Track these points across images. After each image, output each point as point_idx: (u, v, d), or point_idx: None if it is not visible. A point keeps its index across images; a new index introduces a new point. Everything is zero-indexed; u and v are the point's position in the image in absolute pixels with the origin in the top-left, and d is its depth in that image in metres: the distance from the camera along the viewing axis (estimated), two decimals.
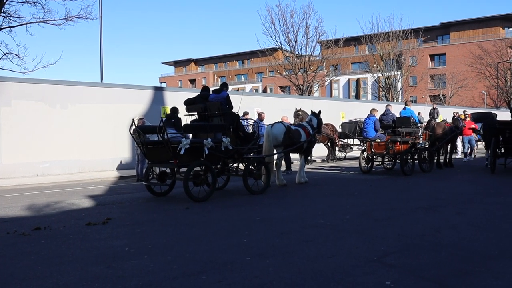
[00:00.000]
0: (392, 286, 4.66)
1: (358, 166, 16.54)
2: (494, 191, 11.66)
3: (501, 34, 67.07)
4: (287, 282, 4.78)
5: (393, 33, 46.79)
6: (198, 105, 11.87)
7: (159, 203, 10.31)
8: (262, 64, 77.02)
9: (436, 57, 72.81)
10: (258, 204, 9.81)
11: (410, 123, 15.84)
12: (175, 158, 10.13)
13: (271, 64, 42.55)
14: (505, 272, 5.10)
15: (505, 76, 54.90)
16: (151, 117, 17.27)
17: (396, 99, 46.48)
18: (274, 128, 12.72)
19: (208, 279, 4.91)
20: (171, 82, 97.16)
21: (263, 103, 23.51)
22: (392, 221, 7.93)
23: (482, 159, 20.40)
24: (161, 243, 6.51)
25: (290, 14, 37.10)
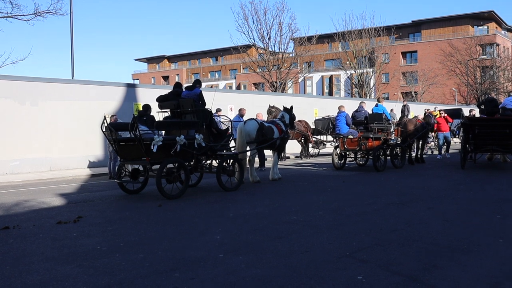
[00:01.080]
0: (364, 281, 4.70)
1: (331, 163, 16.64)
2: (464, 186, 11.86)
3: (470, 32, 68.21)
4: (260, 279, 4.79)
5: (365, 30, 47.15)
6: (170, 102, 11.80)
7: (132, 200, 10.22)
8: (235, 61, 77.00)
9: (408, 55, 73.71)
10: (231, 201, 9.80)
11: (382, 119, 16.00)
12: (148, 155, 10.05)
13: (244, 61, 42.47)
14: (473, 264, 5.19)
15: (475, 73, 55.83)
16: (123, 114, 17.13)
17: (369, 96, 46.90)
18: (247, 125, 12.73)
19: (180, 277, 4.88)
20: (144, 78, 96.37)
21: (236, 100, 23.49)
22: (364, 216, 8.00)
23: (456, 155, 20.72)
24: (133, 241, 6.45)
25: (264, 11, 37.10)
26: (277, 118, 14.42)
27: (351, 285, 4.58)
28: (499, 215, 7.96)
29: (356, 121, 16.40)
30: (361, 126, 16.32)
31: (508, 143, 15.19)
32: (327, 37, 63.00)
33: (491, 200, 9.50)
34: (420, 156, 18.68)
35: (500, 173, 14.87)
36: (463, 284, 4.59)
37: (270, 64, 37.82)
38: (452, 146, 28.10)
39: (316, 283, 4.64)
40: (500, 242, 6.16)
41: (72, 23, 22.40)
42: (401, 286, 4.56)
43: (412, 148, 18.79)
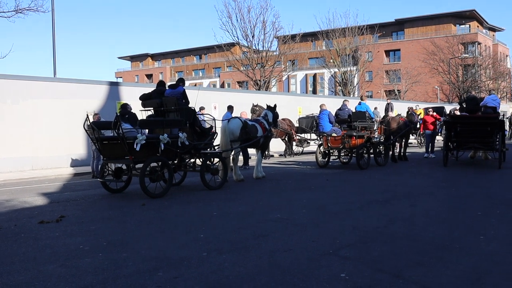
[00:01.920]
0: (347, 278, 4.73)
1: (315, 161, 16.69)
2: (446, 183, 11.97)
3: (452, 31, 68.83)
4: (243, 277, 4.80)
5: (349, 29, 47.28)
6: (154, 100, 11.74)
7: (115, 200, 10.16)
8: (219, 59, 76.84)
9: (391, 53, 74.21)
10: (215, 200, 9.79)
11: (365, 117, 16.08)
12: (131, 154, 10.00)
13: (228, 59, 42.37)
14: (455, 261, 5.25)
15: (457, 71, 56.32)
16: (106, 112, 17.00)
17: (352, 94, 47.08)
18: (231, 123, 12.72)
19: (164, 276, 4.87)
20: (127, 77, 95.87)
21: (220, 98, 23.45)
22: (347, 214, 8.04)
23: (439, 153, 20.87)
24: (116, 240, 6.42)
25: (247, 9, 37.03)
26: (261, 116, 14.43)
27: (334, 283, 4.60)
28: (480, 212, 8.06)
29: (340, 119, 16.47)
30: (344, 124, 16.39)
31: (489, 141, 15.36)
32: (311, 36, 63.24)
33: (472, 197, 9.62)
34: (403, 154, 18.80)
35: (481, 171, 15.03)
36: (445, 280, 4.64)
37: (254, 63, 37.78)
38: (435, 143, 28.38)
39: (300, 281, 4.65)
40: (481, 239, 6.24)
41: (53, 20, 22.17)
42: (384, 283, 4.60)
43: (395, 146, 18.90)
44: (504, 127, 16.78)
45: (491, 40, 74.76)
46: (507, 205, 8.71)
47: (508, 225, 7.06)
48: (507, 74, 67.57)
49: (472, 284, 4.54)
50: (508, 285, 4.52)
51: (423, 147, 26.91)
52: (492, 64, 61.44)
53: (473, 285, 4.53)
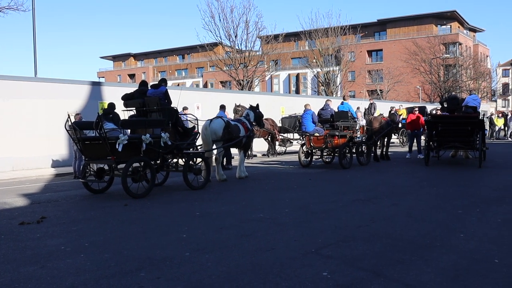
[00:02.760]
0: (329, 277, 4.76)
1: (297, 160, 16.73)
2: (427, 182, 12.08)
3: (434, 31, 69.53)
4: (225, 276, 4.80)
5: (332, 29, 47.51)
6: (136, 100, 11.69)
7: (97, 200, 10.10)
8: (202, 59, 76.65)
9: (374, 53, 74.77)
10: (198, 200, 9.78)
11: (348, 117, 16.17)
12: (113, 154, 9.95)
13: (211, 59, 42.31)
14: (436, 259, 5.32)
15: (438, 71, 56.89)
16: (88, 112, 16.85)
17: (335, 94, 47.30)
18: (213, 124, 12.71)
19: (146, 276, 4.86)
20: (109, 76, 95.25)
21: (203, 98, 23.42)
22: (330, 213, 8.08)
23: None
24: (98, 241, 6.38)
25: (230, 9, 37.03)
26: (242, 116, 14.44)
27: (316, 281, 4.63)
28: (460, 210, 8.15)
29: (322, 119, 16.53)
30: (327, 124, 16.45)
31: (470, 140, 15.54)
32: (293, 36, 63.47)
33: (453, 196, 9.71)
34: (385, 153, 18.93)
35: (462, 169, 15.19)
36: (426, 278, 4.69)
37: (237, 62, 37.77)
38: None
39: (282, 280, 4.67)
40: (461, 237, 6.31)
41: (34, 19, 21.93)
42: (366, 281, 4.64)
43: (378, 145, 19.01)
44: (484, 127, 16.99)
45: (471, 40, 75.66)
46: (487, 204, 8.82)
47: (487, 224, 7.15)
48: (487, 74, 68.52)
49: (451, 282, 4.60)
50: (487, 282, 4.58)
51: (404, 146, 27.17)
52: (473, 64, 62.19)
53: (452, 282, 4.59)
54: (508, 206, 8.57)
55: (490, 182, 11.98)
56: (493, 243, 6.00)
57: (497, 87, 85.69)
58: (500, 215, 7.80)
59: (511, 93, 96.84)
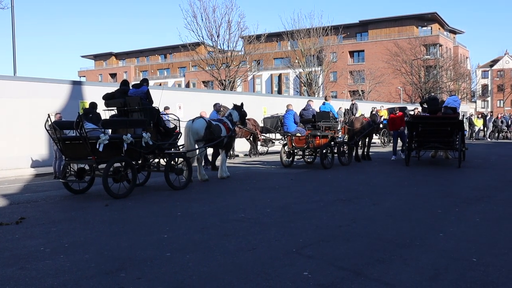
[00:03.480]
0: (310, 276, 4.79)
1: (279, 161, 16.77)
2: (407, 182, 12.19)
3: (415, 32, 70.17)
4: (206, 277, 4.80)
5: (314, 29, 47.68)
6: (117, 100, 11.62)
7: (77, 200, 10.02)
8: (184, 59, 76.47)
9: (355, 54, 75.22)
10: (180, 200, 9.75)
11: (329, 117, 16.24)
12: (94, 154, 9.88)
13: (193, 59, 42.19)
14: (415, 258, 5.38)
15: (419, 73, 57.39)
16: (69, 112, 16.71)
17: (317, 94, 47.47)
18: (195, 123, 12.69)
19: (127, 276, 4.84)
20: (91, 76, 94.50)
21: (185, 98, 23.36)
22: (311, 213, 8.11)
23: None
24: (78, 241, 6.33)
25: (212, 9, 36.94)
26: (224, 116, 14.43)
27: (297, 281, 4.65)
28: (440, 210, 8.24)
29: (304, 119, 16.58)
30: (308, 124, 16.50)
31: (449, 141, 15.72)
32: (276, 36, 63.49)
33: (433, 196, 9.81)
34: (367, 153, 19.05)
35: (442, 170, 15.36)
36: (405, 277, 4.74)
37: (219, 62, 37.70)
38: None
39: (263, 280, 4.69)
40: (440, 236, 6.39)
41: (13, 17, 21.65)
42: (346, 280, 4.67)
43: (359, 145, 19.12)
44: (464, 127, 17.19)
45: (452, 42, 76.50)
46: (466, 203, 8.93)
47: (466, 223, 7.24)
48: (467, 75, 69.27)
49: (430, 280, 4.65)
50: (465, 280, 4.64)
51: (386, 146, 27.38)
52: (453, 65, 62.85)
53: (431, 281, 4.64)
54: (487, 206, 8.68)
55: (469, 182, 12.13)
56: (472, 242, 6.08)
57: (476, 88, 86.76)
58: (478, 214, 7.90)
59: (490, 94, 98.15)
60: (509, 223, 7.22)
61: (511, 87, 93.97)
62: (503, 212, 8.09)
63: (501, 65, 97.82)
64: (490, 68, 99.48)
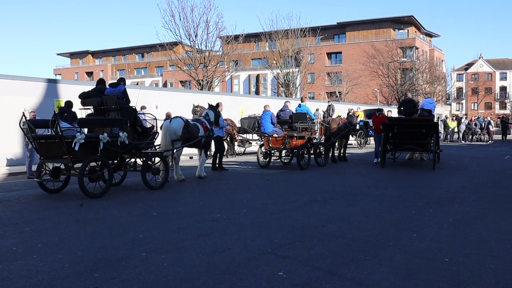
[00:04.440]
0: (285, 276, 4.81)
1: (256, 161, 16.80)
2: (383, 183, 12.30)
3: (392, 35, 70.83)
4: (181, 277, 4.80)
5: (292, 30, 47.88)
6: (94, 99, 11.52)
7: (52, 200, 9.90)
8: (162, 58, 76.06)
9: (333, 55, 75.64)
10: (156, 200, 9.71)
11: (306, 118, 16.32)
12: (69, 153, 9.78)
13: (171, 58, 42.05)
14: (389, 258, 5.44)
15: (396, 75, 57.98)
16: (43, 110, 16.50)
17: (295, 95, 47.66)
18: (173, 123, 12.65)
19: (101, 277, 4.81)
20: (66, 74, 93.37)
21: (162, 97, 23.25)
22: (287, 213, 8.15)
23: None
24: (52, 241, 6.27)
25: (191, 8, 36.87)
26: (202, 116, 14.41)
27: (272, 281, 4.67)
28: (414, 211, 8.35)
29: (281, 120, 16.63)
30: (285, 125, 16.56)
31: (424, 142, 15.93)
32: (254, 36, 63.62)
33: (407, 197, 9.93)
34: (343, 154, 19.17)
35: (417, 171, 15.54)
36: (379, 277, 4.79)
37: (197, 62, 37.61)
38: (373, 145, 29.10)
39: (238, 280, 4.70)
40: (414, 237, 6.47)
41: None
42: (321, 280, 4.71)
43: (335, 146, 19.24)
44: (438, 129, 17.42)
45: (428, 45, 77.43)
46: (439, 204, 9.05)
47: (439, 224, 7.35)
48: (442, 78, 70.18)
49: (403, 280, 4.71)
50: (437, 280, 4.71)
51: (362, 148, 27.61)
52: (429, 68, 63.66)
53: (404, 281, 4.70)
54: (460, 207, 8.82)
55: (443, 183, 12.30)
56: (444, 242, 6.17)
57: (451, 91, 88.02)
58: (451, 215, 8.03)
59: (465, 97, 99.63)
60: (481, 224, 7.34)
61: (485, 90, 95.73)
62: (475, 213, 8.23)
63: (475, 68, 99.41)
64: (465, 72, 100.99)
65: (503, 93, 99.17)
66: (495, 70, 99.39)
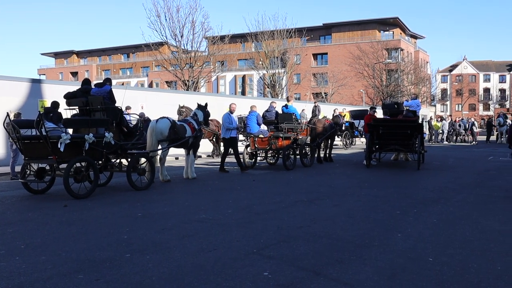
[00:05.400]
0: (270, 276, 4.82)
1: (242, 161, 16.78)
2: (368, 184, 12.36)
3: (377, 36, 71.19)
4: (166, 278, 4.78)
5: (278, 31, 47.92)
6: (79, 99, 11.45)
7: (36, 201, 9.81)
8: (148, 59, 75.62)
9: (319, 56, 75.88)
10: (141, 201, 9.66)
11: (292, 119, 16.35)
12: (55, 154, 9.71)
13: (157, 59, 41.89)
14: (373, 258, 5.47)
15: (381, 76, 58.24)
16: (27, 111, 16.34)
17: (280, 96, 47.71)
18: (159, 123, 12.61)
19: (85, 278, 4.77)
20: (51, 74, 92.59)
21: (148, 98, 23.15)
22: (272, 214, 8.16)
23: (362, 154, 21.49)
24: (35, 243, 6.21)
25: (176, 9, 36.78)
26: (189, 116, 14.37)
27: (257, 281, 4.67)
28: (398, 211, 8.40)
29: (267, 120, 16.65)
30: (271, 126, 16.58)
31: (409, 143, 16.04)
32: (240, 37, 63.63)
33: (392, 197, 9.99)
34: (329, 155, 19.23)
35: (401, 172, 15.64)
36: (363, 277, 4.81)
37: (183, 63, 37.51)
38: (359, 145, 29.27)
39: (223, 280, 4.69)
40: (398, 236, 6.51)
41: None
42: (306, 280, 4.72)
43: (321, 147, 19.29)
44: (423, 130, 17.55)
45: (413, 47, 77.93)
46: (423, 205, 9.12)
47: (423, 224, 7.40)
48: (427, 79, 70.71)
49: (388, 280, 4.74)
50: (421, 279, 4.75)
51: (348, 148, 27.72)
52: (414, 70, 64.03)
53: (389, 280, 4.73)
54: (444, 207, 8.89)
55: (428, 183, 12.38)
56: (428, 242, 6.22)
57: (436, 92, 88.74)
58: (435, 215, 8.09)
59: (449, 99, 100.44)
60: (465, 224, 7.41)
61: (469, 91, 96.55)
62: (459, 213, 8.30)
63: (459, 70, 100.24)
64: (449, 73, 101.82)
65: (487, 95, 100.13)
66: (479, 72, 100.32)
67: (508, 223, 7.57)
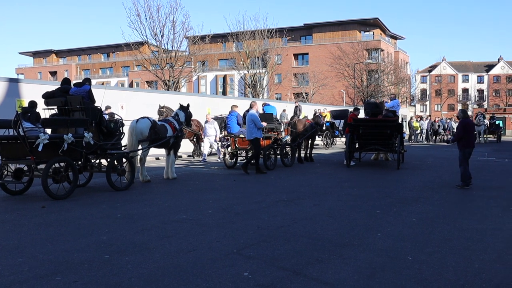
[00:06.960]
0: (250, 276, 4.81)
1: (222, 162, 16.74)
2: (348, 183, 12.42)
3: (358, 37, 71.59)
4: (145, 279, 4.74)
5: (258, 31, 47.93)
6: (58, 99, 11.32)
7: (12, 202, 9.68)
8: (128, 58, 75.17)
9: (300, 57, 76.04)
10: (120, 201, 9.58)
11: (273, 119, 16.35)
12: (33, 154, 9.57)
13: (137, 58, 41.62)
14: (353, 257, 5.50)
15: (361, 76, 58.56)
16: (4, 110, 16.09)
17: (261, 96, 47.75)
18: (140, 123, 12.52)
19: (62, 280, 4.72)
20: (29, 73, 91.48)
21: (128, 98, 22.96)
22: (253, 214, 8.15)
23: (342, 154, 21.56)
24: (11, 244, 6.11)
25: (157, 8, 36.61)
26: (171, 116, 14.30)
27: (237, 281, 4.66)
28: (378, 210, 8.45)
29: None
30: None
31: (389, 143, 16.15)
32: (221, 37, 63.51)
33: (372, 197, 10.05)
34: (309, 155, 19.27)
35: (382, 171, 15.73)
36: (343, 276, 4.83)
37: (163, 62, 37.32)
38: (339, 145, 29.39)
39: (203, 281, 4.67)
40: (378, 236, 6.55)
41: None
42: (286, 280, 4.72)
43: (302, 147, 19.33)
44: (403, 130, 17.69)
45: (393, 47, 78.50)
46: (403, 204, 9.19)
47: (403, 223, 7.46)
48: (407, 80, 71.31)
49: (368, 279, 4.76)
50: (400, 278, 4.78)
51: (328, 148, 27.81)
52: (394, 70, 64.49)
53: (368, 279, 4.75)
54: (423, 206, 8.97)
55: (407, 183, 12.48)
56: (408, 241, 6.26)
57: (416, 92, 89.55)
58: (415, 214, 8.15)
59: (429, 99, 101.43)
60: (443, 223, 7.48)
61: (448, 92, 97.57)
62: (438, 212, 8.38)
63: (438, 70, 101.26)
64: (429, 74, 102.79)
65: (465, 95, 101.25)
66: (458, 73, 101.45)
67: (486, 221, 7.67)
